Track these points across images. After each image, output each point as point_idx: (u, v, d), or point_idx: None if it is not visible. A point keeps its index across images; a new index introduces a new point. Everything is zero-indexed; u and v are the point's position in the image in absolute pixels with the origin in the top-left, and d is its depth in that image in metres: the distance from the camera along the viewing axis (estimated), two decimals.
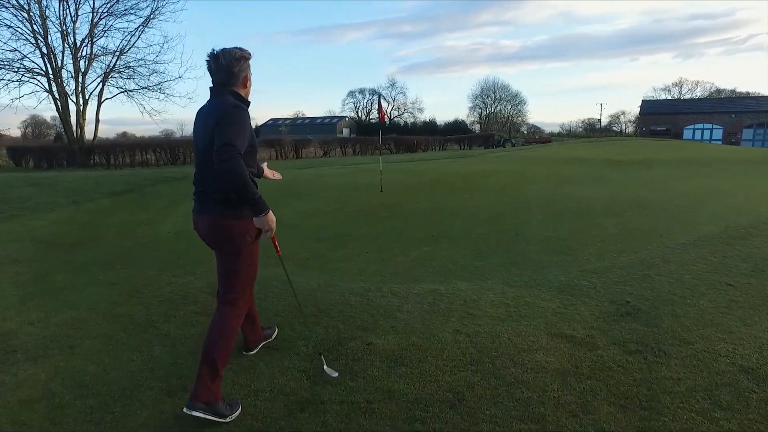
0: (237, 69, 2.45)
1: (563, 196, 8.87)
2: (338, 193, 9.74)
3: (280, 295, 4.04)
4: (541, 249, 5.25)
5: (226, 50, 2.45)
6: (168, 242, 6.14)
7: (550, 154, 21.50)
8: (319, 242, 5.92)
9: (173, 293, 4.17)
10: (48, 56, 23.77)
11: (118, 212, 8.14)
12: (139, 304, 3.92)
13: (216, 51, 2.45)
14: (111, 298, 4.07)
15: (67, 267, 5.06)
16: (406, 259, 5.09)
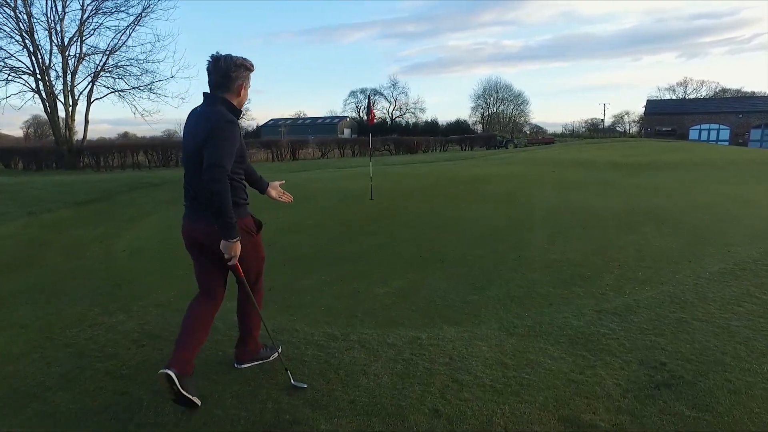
0: (234, 75, 2.45)
1: (570, 206, 8.02)
2: (324, 202, 8.92)
3: (222, 344, 3.22)
4: (547, 277, 4.42)
5: (229, 55, 2.46)
6: (116, 265, 5.32)
7: (553, 156, 20.63)
8: (289, 265, 5.09)
9: (91, 341, 3.35)
10: (34, 54, 23.04)
11: (75, 225, 7.33)
12: (39, 360, 3.10)
13: (219, 54, 2.46)
14: (7, 349, 3.25)
15: None
16: (386, 290, 4.25)
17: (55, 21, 23.07)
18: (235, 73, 2.45)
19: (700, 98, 62.61)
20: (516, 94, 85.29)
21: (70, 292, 4.42)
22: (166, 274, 4.92)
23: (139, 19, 23.85)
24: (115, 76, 24.74)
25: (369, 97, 15.19)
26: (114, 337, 3.41)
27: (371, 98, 13.53)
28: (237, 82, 2.48)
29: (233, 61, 2.44)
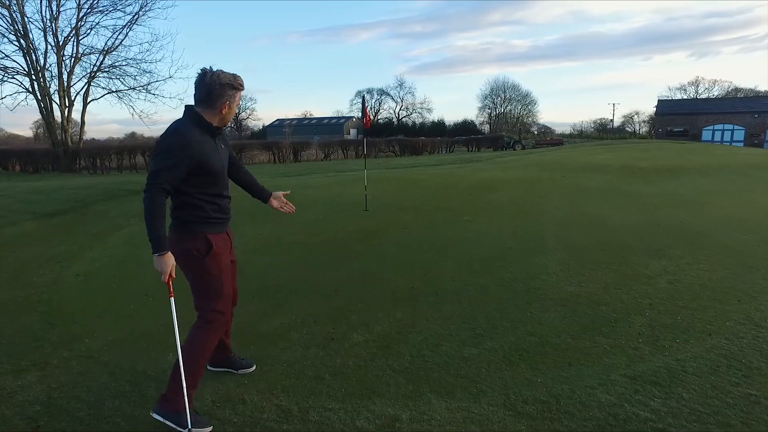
0: (218, 92, 2.41)
1: (585, 220, 7.20)
2: (312, 214, 8.15)
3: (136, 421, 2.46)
4: (563, 320, 3.62)
5: (218, 72, 2.42)
6: (61, 295, 4.59)
7: (562, 159, 19.75)
8: (257, 298, 4.33)
9: None
10: (28, 54, 22.47)
11: (34, 242, 6.61)
12: None
13: (208, 69, 2.42)
14: None
15: None
16: (366, 337, 3.48)
17: (50, 20, 22.49)
18: (219, 90, 2.41)
19: (712, 98, 61.23)
20: (524, 93, 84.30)
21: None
22: (114, 308, 4.19)
23: (136, 18, 23.26)
24: (112, 76, 24.14)
25: (363, 98, 14.60)
26: (5, 414, 2.66)
27: (366, 100, 12.94)
28: (220, 101, 2.43)
29: (219, 79, 2.39)
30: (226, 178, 2.64)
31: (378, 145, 37.22)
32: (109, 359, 3.24)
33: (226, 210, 2.63)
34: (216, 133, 2.53)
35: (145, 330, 3.67)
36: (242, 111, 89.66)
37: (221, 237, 2.60)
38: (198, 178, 2.42)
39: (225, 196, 2.62)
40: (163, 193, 2.31)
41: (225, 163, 2.62)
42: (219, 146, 2.56)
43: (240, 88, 2.48)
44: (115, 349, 3.40)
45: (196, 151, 2.36)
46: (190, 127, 2.42)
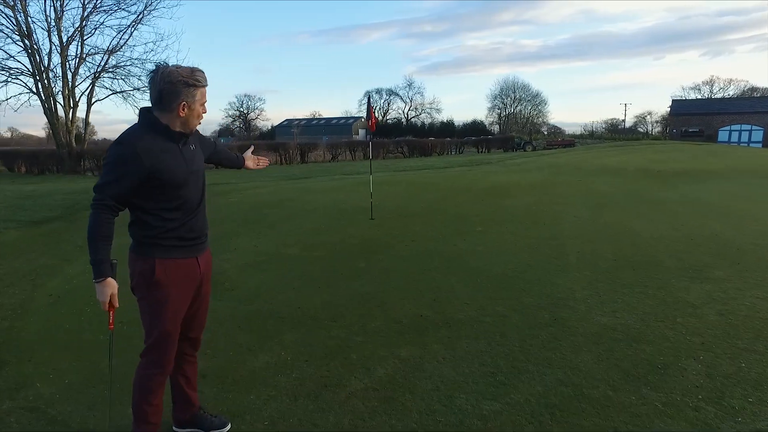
0: (170, 90, 2.04)
1: (608, 231, 6.60)
2: (313, 222, 7.62)
3: None
4: (600, 363, 3.04)
5: (170, 69, 2.06)
6: (25, 321, 4.08)
7: (576, 161, 19.08)
8: (243, 327, 3.80)
9: None
10: (32, 55, 22.17)
11: (14, 254, 6.14)
12: None
13: (161, 66, 2.08)
14: None
15: None
16: (365, 384, 2.92)
17: (54, 20, 22.19)
18: (171, 89, 2.04)
19: (728, 97, 59.93)
20: (534, 94, 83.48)
21: None
22: (80, 340, 3.68)
23: (141, 18, 22.88)
24: (117, 76, 23.80)
25: (369, 99, 14.02)
26: None
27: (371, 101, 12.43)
28: (175, 101, 2.06)
29: (170, 76, 2.03)
30: (196, 189, 2.22)
31: (386, 146, 36.68)
32: (57, 412, 2.72)
33: (192, 229, 2.21)
34: (179, 138, 2.15)
35: (108, 371, 3.14)
36: (251, 111, 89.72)
37: (179, 264, 2.18)
38: (153, 191, 2.08)
39: (191, 211, 2.20)
40: (108, 211, 2.03)
41: (195, 171, 2.21)
42: (186, 152, 2.19)
43: (198, 84, 2.09)
44: (68, 397, 2.88)
45: (146, 161, 2.02)
46: (141, 133, 2.08)
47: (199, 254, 2.27)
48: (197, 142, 2.32)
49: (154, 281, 2.13)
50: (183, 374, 2.45)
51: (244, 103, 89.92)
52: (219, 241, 6.48)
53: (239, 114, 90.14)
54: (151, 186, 2.07)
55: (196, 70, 2.09)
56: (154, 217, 2.12)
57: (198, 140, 2.34)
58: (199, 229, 2.25)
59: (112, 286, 2.06)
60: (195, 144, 2.28)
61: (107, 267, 2.03)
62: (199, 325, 2.45)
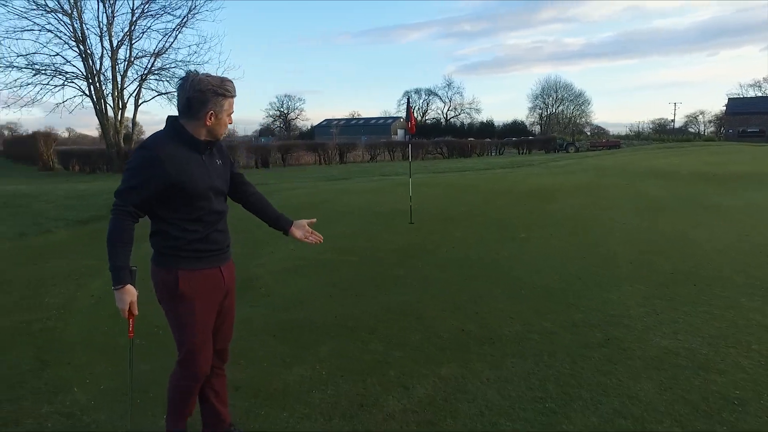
0: (199, 99, 2.00)
1: (662, 241, 6.19)
2: (350, 226, 7.51)
3: None
4: (663, 394, 2.75)
5: (200, 77, 2.03)
6: (66, 321, 4.12)
7: (623, 163, 18.33)
8: (277, 338, 3.70)
9: None
10: (86, 60, 23.12)
11: (61, 253, 6.29)
12: None
13: (191, 73, 2.06)
14: None
15: None
16: (403, 405, 2.74)
17: (106, 26, 23.06)
18: (200, 98, 2.00)
19: None
20: (576, 93, 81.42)
21: None
22: (117, 344, 3.66)
23: (185, 21, 23.46)
24: (162, 78, 24.53)
25: (408, 100, 13.75)
26: None
27: (411, 102, 12.19)
28: (203, 110, 2.02)
29: (199, 84, 2.00)
30: (218, 201, 2.17)
31: (425, 147, 36.41)
32: (92, 420, 2.68)
33: (215, 241, 2.16)
34: (204, 148, 2.10)
35: (142, 377, 3.10)
36: (291, 111, 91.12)
37: (202, 275, 2.13)
38: (175, 201, 2.04)
39: (214, 222, 2.15)
40: (128, 217, 1.99)
41: (218, 183, 2.16)
42: (210, 163, 2.14)
43: (227, 94, 2.05)
44: (103, 405, 2.84)
45: (169, 168, 1.98)
46: (166, 140, 2.05)
47: (222, 264, 2.21)
48: (225, 158, 2.26)
49: (178, 293, 2.09)
50: (211, 388, 2.35)
51: (285, 104, 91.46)
52: (254, 244, 6.47)
53: (279, 114, 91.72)
54: (173, 195, 2.03)
55: (226, 80, 2.06)
56: (176, 228, 2.07)
57: (225, 158, 2.26)
58: (221, 240, 2.20)
59: (131, 293, 2.02)
60: (222, 159, 2.23)
61: (126, 274, 2.00)
62: (224, 338, 2.36)
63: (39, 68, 22.04)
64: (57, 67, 22.68)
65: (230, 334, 2.40)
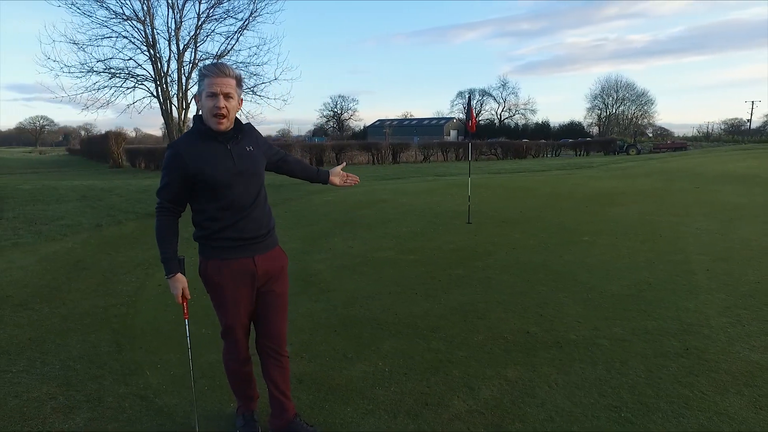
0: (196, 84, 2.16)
1: (745, 250, 5.77)
2: (408, 225, 7.47)
3: None
4: (758, 413, 2.53)
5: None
6: (137, 308, 4.32)
7: (691, 166, 17.31)
8: (338, 333, 3.71)
9: None
10: (155, 63, 24.33)
11: (131, 244, 6.62)
12: None
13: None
14: None
15: None
16: (468, 406, 2.67)
17: (174, 30, 24.16)
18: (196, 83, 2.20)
19: None
20: (639, 93, 77.92)
21: (59, 354, 3.41)
22: (179, 332, 3.76)
23: (247, 24, 24.19)
24: None
25: (469, 99, 13.51)
26: None
27: (471, 101, 11.93)
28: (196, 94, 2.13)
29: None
30: (246, 190, 2.17)
31: (479, 148, 35.89)
32: (163, 404, 2.77)
33: (244, 230, 2.18)
34: (222, 137, 2.13)
35: (209, 366, 3.18)
36: (344, 112, 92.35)
37: (231, 265, 2.19)
38: (201, 191, 2.13)
39: (241, 211, 2.16)
40: (167, 213, 2.14)
41: (246, 169, 2.17)
42: (237, 151, 2.16)
43: (207, 73, 2.04)
44: (173, 389, 2.93)
45: (187, 162, 2.07)
46: (187, 136, 2.15)
47: (256, 254, 2.22)
48: (256, 145, 2.26)
49: (209, 281, 2.22)
50: (269, 377, 2.40)
51: (338, 104, 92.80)
52: (314, 240, 6.55)
53: (333, 114, 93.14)
54: (196, 186, 2.11)
55: (209, 63, 2.12)
56: (205, 218, 2.15)
57: (257, 143, 2.27)
58: (253, 229, 2.20)
59: (181, 281, 2.18)
60: (253, 146, 2.23)
61: (174, 264, 2.15)
62: (272, 325, 2.35)
63: (114, 72, 23.35)
64: (130, 70, 23.95)
65: (280, 322, 2.37)
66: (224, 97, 2.04)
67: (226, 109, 2.05)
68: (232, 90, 2.07)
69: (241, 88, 2.17)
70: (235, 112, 2.13)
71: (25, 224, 7.46)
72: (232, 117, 2.12)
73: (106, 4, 21.98)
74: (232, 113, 2.10)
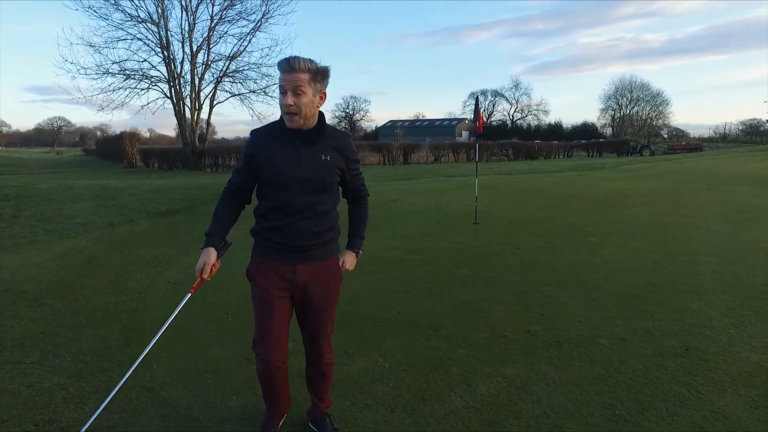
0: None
1: (754, 252, 5.73)
2: (415, 225, 7.52)
3: None
4: (754, 412, 2.54)
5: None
6: (147, 303, 4.42)
7: (706, 168, 17.13)
8: (340, 331, 3.77)
9: None
10: (168, 64, 24.68)
11: (142, 243, 6.75)
12: None
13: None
14: None
15: None
16: (465, 402, 2.72)
17: (187, 32, 24.49)
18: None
19: None
20: (654, 93, 77.07)
21: (70, 347, 3.52)
22: (190, 328, 3.88)
23: (259, 26, 24.47)
24: (236, 80, 25.71)
25: (477, 99, 13.50)
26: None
27: (479, 102, 11.99)
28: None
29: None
30: (307, 195, 2.07)
31: (491, 149, 35.80)
32: (168, 396, 2.86)
33: (286, 233, 2.10)
34: (295, 137, 2.05)
35: (214, 361, 3.27)
36: (356, 112, 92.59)
37: (272, 264, 2.16)
38: (260, 187, 2.15)
39: (296, 214, 2.09)
40: (230, 194, 2.18)
41: (309, 176, 2.05)
42: (309, 155, 2.06)
43: (279, 69, 2.00)
44: (178, 382, 3.02)
45: (257, 151, 2.09)
46: (270, 126, 2.14)
47: (299, 263, 2.14)
48: (337, 155, 2.13)
49: (248, 274, 2.23)
50: (306, 376, 2.50)
51: (350, 105, 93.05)
52: None
53: (345, 115, 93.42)
54: (259, 179, 2.12)
55: (289, 57, 1.98)
56: (259, 213, 2.17)
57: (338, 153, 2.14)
58: (300, 238, 2.11)
59: (211, 255, 2.07)
60: (330, 155, 2.10)
61: (213, 239, 2.10)
62: (310, 335, 2.36)
63: (129, 73, 23.76)
64: (144, 71, 24.39)
65: (317, 333, 2.34)
66: (293, 94, 1.95)
67: (296, 106, 1.96)
68: (304, 85, 1.95)
69: (321, 82, 2.02)
70: (311, 107, 2.00)
71: (41, 222, 7.64)
72: (307, 113, 1.99)
73: (121, 7, 22.37)
74: (305, 109, 1.98)
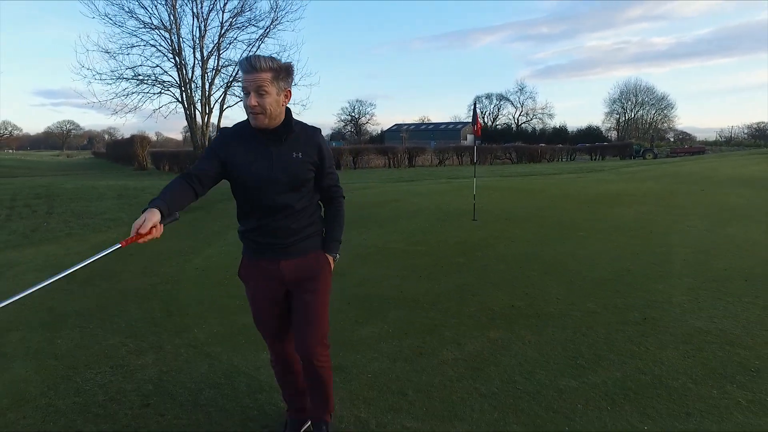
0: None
1: (726, 244, 6.28)
2: (417, 222, 8.12)
3: None
4: (685, 360, 3.13)
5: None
6: (181, 286, 5.06)
7: (704, 170, 17.62)
8: (353, 304, 4.38)
9: (101, 391, 2.92)
10: (180, 69, 25.46)
11: (167, 237, 7.36)
12: (42, 409, 2.72)
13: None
14: (25, 389, 2.95)
15: (47, 316, 4.13)
16: (456, 356, 3.32)
17: (198, 38, 25.25)
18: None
19: None
20: (659, 97, 77.35)
21: (123, 317, 4.16)
22: (221, 303, 4.50)
23: (268, 32, 25.14)
24: None
25: (475, 104, 13.76)
26: (126, 387, 2.96)
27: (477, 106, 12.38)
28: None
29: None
30: (280, 194, 2.07)
31: (494, 152, 36.36)
32: (211, 351, 3.47)
33: (271, 233, 2.11)
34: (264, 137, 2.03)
35: (243, 327, 3.87)
36: (362, 116, 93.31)
37: (258, 265, 2.20)
38: (234, 188, 2.12)
39: (272, 214, 2.09)
40: (185, 177, 1.98)
41: (281, 176, 2.04)
42: (279, 154, 2.05)
43: (240, 69, 1.95)
44: (217, 342, 3.64)
45: (222, 148, 2.04)
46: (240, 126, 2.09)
47: (282, 258, 2.14)
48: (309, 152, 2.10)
49: (239, 276, 2.30)
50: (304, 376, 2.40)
51: (356, 108, 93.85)
52: None
53: (351, 119, 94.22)
54: (231, 180, 2.08)
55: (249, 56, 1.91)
56: (240, 215, 2.18)
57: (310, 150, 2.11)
58: (282, 234, 2.11)
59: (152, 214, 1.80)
60: (302, 152, 2.08)
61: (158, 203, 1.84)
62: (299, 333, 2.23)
63: (142, 78, 24.49)
64: (157, 76, 25.06)
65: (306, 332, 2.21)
66: (256, 94, 1.91)
67: (260, 106, 1.92)
68: (267, 84, 1.91)
69: (285, 80, 1.98)
70: (276, 106, 1.96)
71: (74, 218, 8.31)
72: (272, 112, 1.96)
73: (136, 15, 23.19)
74: (270, 109, 1.94)
